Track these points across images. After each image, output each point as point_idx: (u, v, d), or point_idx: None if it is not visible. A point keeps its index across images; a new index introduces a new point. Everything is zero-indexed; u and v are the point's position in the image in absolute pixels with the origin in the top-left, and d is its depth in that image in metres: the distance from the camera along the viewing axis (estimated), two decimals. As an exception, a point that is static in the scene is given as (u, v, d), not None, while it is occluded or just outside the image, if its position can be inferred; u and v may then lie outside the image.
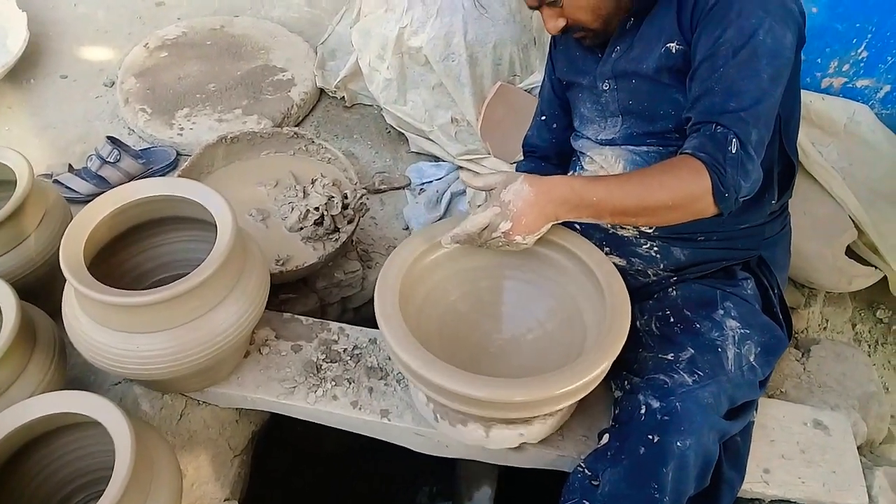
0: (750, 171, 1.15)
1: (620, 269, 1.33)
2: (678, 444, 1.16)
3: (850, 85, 1.84)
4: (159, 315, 1.21)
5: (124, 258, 1.45)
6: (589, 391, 1.21)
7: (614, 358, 1.18)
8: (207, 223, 1.35)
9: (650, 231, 1.42)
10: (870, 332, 2.02)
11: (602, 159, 1.45)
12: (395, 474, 2.21)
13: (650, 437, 1.19)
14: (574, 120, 1.55)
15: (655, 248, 1.44)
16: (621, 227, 1.45)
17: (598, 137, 1.45)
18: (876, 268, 1.82)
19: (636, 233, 1.43)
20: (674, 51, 1.25)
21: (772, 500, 1.39)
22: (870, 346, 2.01)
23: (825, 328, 1.94)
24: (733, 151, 1.13)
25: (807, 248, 1.74)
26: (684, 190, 1.14)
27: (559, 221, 1.22)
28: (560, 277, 1.38)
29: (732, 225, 1.39)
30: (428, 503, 2.25)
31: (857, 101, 1.83)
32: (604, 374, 1.21)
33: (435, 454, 1.45)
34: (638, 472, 1.18)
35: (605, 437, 1.29)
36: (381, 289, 1.26)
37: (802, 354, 1.67)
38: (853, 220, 1.77)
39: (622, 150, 1.41)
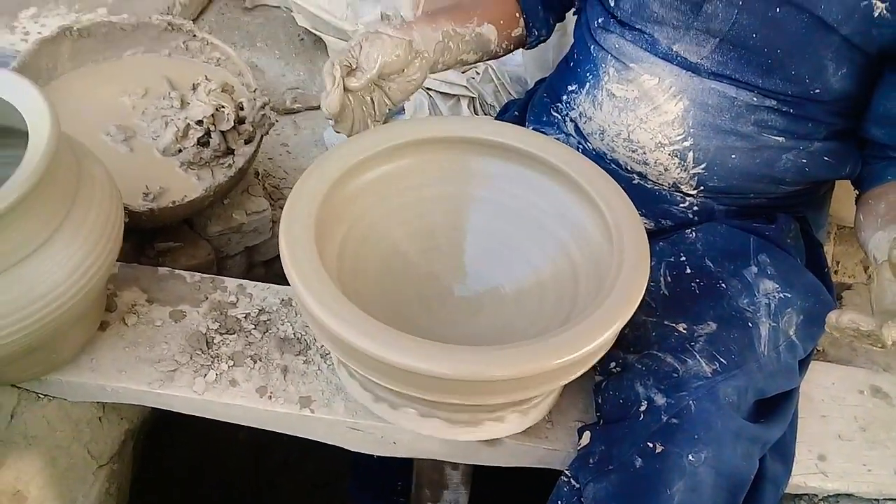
0: None
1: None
2: (690, 457, 0.91)
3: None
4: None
5: None
6: (589, 366, 0.91)
7: (628, 318, 0.88)
8: (21, 134, 0.92)
9: (693, 183, 1.11)
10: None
11: (654, 84, 1.07)
12: (320, 475, 1.86)
13: (650, 445, 0.93)
14: None
15: (696, 207, 1.13)
16: (651, 179, 1.13)
17: (668, 49, 1.07)
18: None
19: (676, 181, 1.11)
20: (877, 14, 0.94)
21: (828, 496, 1.10)
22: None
23: (836, 271, 1.71)
24: None
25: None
26: None
27: None
28: (544, 206, 1.06)
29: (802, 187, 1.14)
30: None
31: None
32: (613, 340, 0.91)
33: (379, 454, 1.10)
34: (632, 490, 0.93)
35: (586, 437, 1.01)
36: (289, 225, 0.90)
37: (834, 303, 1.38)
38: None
39: (703, 84, 1.05)
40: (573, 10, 1.25)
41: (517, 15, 1.19)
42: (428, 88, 1.62)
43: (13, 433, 1.08)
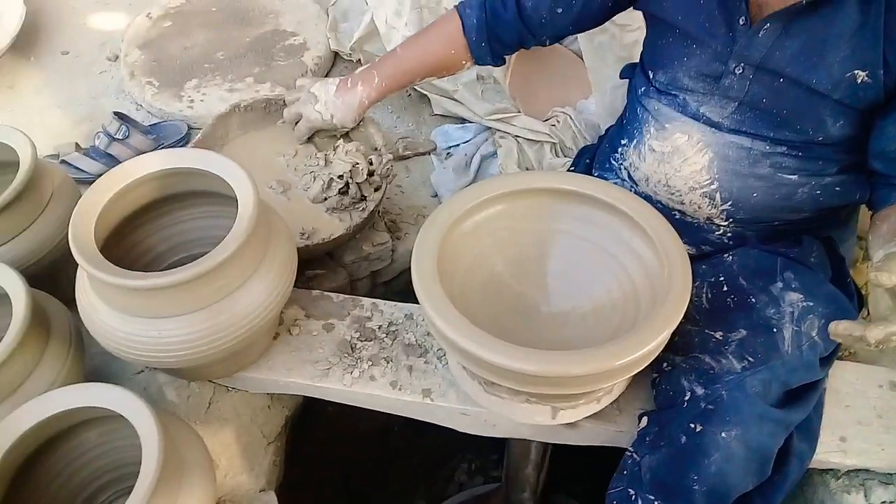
0: None
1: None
2: (723, 434, 1.10)
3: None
4: (182, 297, 1.12)
5: (137, 240, 1.35)
6: (647, 364, 1.12)
7: (675, 325, 1.08)
8: (224, 197, 1.24)
9: (724, 216, 1.31)
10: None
11: (684, 141, 1.27)
12: (433, 452, 2.13)
13: (692, 425, 1.13)
14: (644, 54, 1.37)
15: (729, 234, 1.33)
16: (689, 214, 1.33)
17: (695, 110, 1.26)
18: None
19: (709, 216, 1.32)
20: (860, 81, 1.10)
21: (849, 471, 1.29)
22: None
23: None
24: None
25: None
26: None
27: None
28: (611, 241, 1.27)
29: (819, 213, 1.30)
30: (467, 480, 2.17)
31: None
32: (664, 343, 1.11)
33: (482, 434, 1.36)
34: (679, 460, 1.13)
35: (644, 421, 1.21)
36: (419, 256, 1.16)
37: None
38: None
39: (724, 139, 1.24)
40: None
41: (464, 63, 1.45)
42: (516, 136, 1.87)
43: (210, 417, 1.39)
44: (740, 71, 1.18)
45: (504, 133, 1.90)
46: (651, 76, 1.32)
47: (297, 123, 1.58)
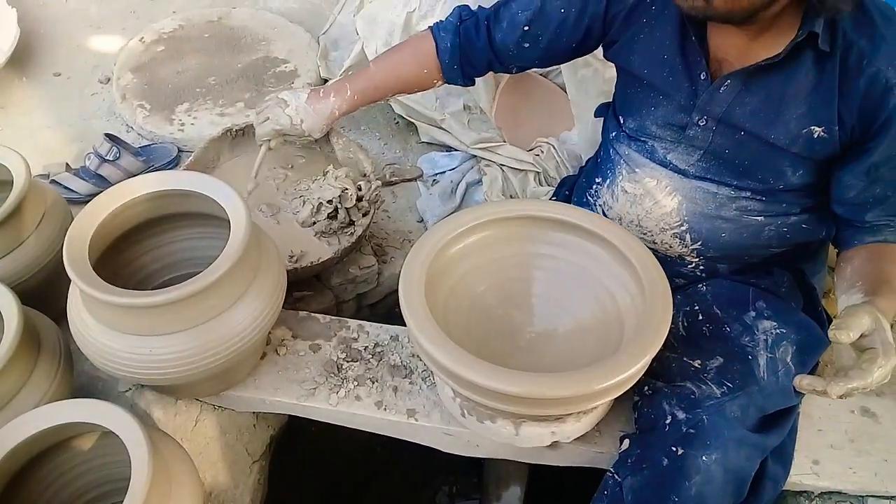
0: None
1: None
2: (703, 458, 1.13)
3: None
4: (174, 316, 1.14)
5: (129, 259, 1.37)
6: (628, 388, 1.14)
7: (656, 352, 1.11)
8: (216, 218, 1.28)
9: (695, 254, 1.35)
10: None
11: (653, 185, 1.33)
12: (414, 475, 2.14)
13: (674, 448, 1.15)
14: (616, 99, 1.42)
15: (701, 267, 1.38)
16: (661, 252, 1.37)
17: (663, 157, 1.31)
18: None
19: (681, 254, 1.36)
20: (816, 136, 1.16)
21: (822, 493, 1.33)
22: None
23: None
24: None
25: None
26: None
27: None
28: (593, 266, 1.30)
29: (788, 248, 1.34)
30: (448, 502, 2.18)
31: None
32: (645, 369, 1.14)
33: (464, 454, 1.38)
34: (660, 482, 1.15)
35: (626, 443, 1.24)
36: (406, 281, 1.19)
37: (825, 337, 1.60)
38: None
39: (691, 184, 1.29)
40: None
41: (435, 82, 1.47)
42: (501, 165, 1.92)
43: (196, 435, 1.39)
44: (703, 123, 1.23)
45: (489, 161, 1.95)
46: (622, 121, 1.38)
47: (262, 122, 1.51)
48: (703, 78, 1.21)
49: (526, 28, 1.35)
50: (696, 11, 1.10)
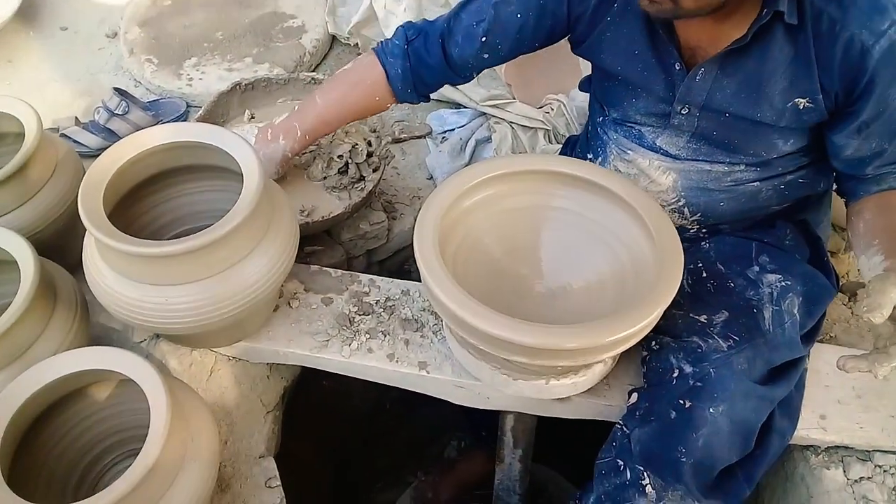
0: None
1: None
2: (710, 410, 1.14)
3: None
4: (190, 265, 1.15)
5: (142, 210, 1.37)
6: (639, 339, 1.15)
7: (667, 306, 1.12)
8: (229, 171, 1.27)
9: (695, 224, 1.37)
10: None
11: (646, 165, 1.34)
12: (423, 429, 2.17)
13: (681, 401, 1.17)
14: (595, 90, 1.41)
15: (704, 230, 1.38)
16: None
17: (652, 143, 1.33)
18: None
19: (682, 225, 1.37)
20: (802, 107, 1.16)
21: (828, 447, 1.35)
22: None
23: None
24: None
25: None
26: None
27: None
28: (605, 221, 1.30)
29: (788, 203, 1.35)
30: (457, 457, 2.21)
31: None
32: (654, 323, 1.14)
33: (476, 406, 1.40)
34: (668, 434, 1.16)
35: (634, 396, 1.25)
36: (420, 234, 1.18)
37: (849, 298, 1.61)
38: None
39: (684, 165, 1.31)
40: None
41: (388, 106, 1.44)
42: (511, 122, 1.91)
43: (212, 385, 1.42)
44: (686, 111, 1.24)
45: (499, 119, 1.94)
46: (606, 110, 1.37)
47: None
48: (678, 68, 1.21)
49: (483, 39, 1.31)
50: (665, 14, 1.10)
